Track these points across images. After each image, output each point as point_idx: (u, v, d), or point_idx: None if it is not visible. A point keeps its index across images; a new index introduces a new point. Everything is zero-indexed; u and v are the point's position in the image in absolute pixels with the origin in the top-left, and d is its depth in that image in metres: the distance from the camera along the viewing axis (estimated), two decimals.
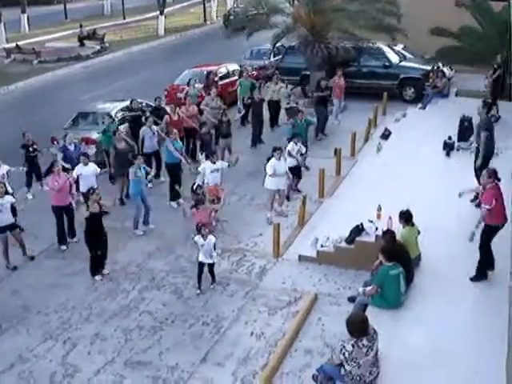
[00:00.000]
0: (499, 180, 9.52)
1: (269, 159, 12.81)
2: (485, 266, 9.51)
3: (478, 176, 11.51)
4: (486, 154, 12.30)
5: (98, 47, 33.46)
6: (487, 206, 9.21)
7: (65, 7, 44.65)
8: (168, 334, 9.52)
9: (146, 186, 13.19)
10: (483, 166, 11.60)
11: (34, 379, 8.72)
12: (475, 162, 12.40)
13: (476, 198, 11.33)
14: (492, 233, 9.43)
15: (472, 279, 9.50)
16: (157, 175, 15.07)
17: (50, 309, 10.30)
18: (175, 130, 14.62)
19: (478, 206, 10.49)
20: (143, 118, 16.06)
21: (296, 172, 13.73)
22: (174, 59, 29.62)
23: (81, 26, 35.53)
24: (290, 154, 13.48)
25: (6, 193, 11.67)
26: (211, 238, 10.47)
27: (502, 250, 9.59)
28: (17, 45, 32.07)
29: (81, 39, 34.55)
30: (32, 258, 11.99)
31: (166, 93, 20.47)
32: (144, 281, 11.02)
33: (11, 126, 18.14)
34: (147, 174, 13.08)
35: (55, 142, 15.80)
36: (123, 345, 9.30)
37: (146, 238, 12.62)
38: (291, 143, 13.83)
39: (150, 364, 8.87)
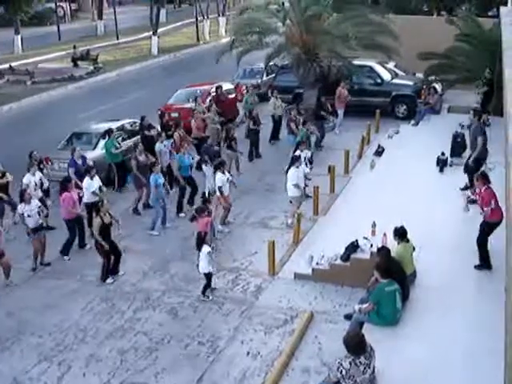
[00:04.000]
0: (489, 182, 10.32)
1: (288, 169, 13.31)
2: (487, 257, 10.20)
3: (468, 173, 13.18)
4: (478, 157, 13.33)
5: (92, 68, 33.50)
6: (490, 207, 9.99)
7: (58, 28, 44.86)
8: (164, 354, 9.46)
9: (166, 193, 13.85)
10: (476, 167, 12.85)
11: None
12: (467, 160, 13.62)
13: (466, 188, 13.04)
14: (490, 229, 10.15)
15: (476, 267, 10.19)
16: (171, 188, 15.31)
17: (44, 330, 10.22)
18: (186, 145, 15.10)
19: (473, 202, 11.59)
20: (156, 135, 16.57)
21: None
22: (168, 79, 29.78)
23: (74, 47, 35.64)
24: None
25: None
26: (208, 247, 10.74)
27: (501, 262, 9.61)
28: (10, 66, 32.11)
29: (74, 60, 34.61)
30: (48, 264, 12.36)
31: (159, 112, 20.47)
32: (139, 301, 10.97)
33: (5, 148, 18.12)
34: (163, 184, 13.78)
35: (49, 163, 15.81)
36: (119, 366, 9.23)
37: (141, 256, 12.58)
38: (297, 151, 14.33)
39: None
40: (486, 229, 10.18)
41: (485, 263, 10.22)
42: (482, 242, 10.21)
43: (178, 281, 11.55)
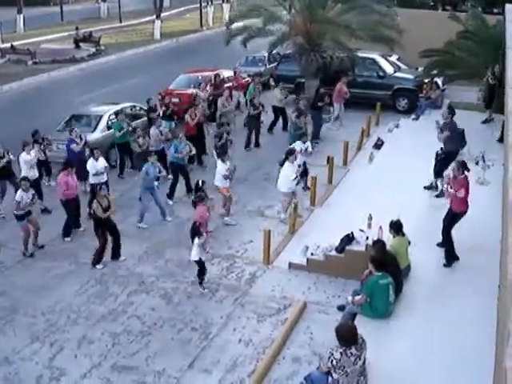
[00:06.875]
0: (468, 171, 10.48)
1: (283, 163, 13.04)
2: (452, 249, 10.37)
3: (436, 172, 13.17)
4: (450, 150, 13.38)
5: (94, 50, 33.41)
6: (460, 195, 10.09)
7: (61, 9, 44.62)
8: (156, 338, 9.48)
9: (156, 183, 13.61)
10: (448, 160, 12.81)
11: (19, 382, 8.65)
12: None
13: (440, 194, 12.47)
14: (456, 219, 10.39)
15: (445, 265, 10.31)
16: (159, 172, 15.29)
17: (37, 311, 10.25)
18: (181, 134, 14.98)
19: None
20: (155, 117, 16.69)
21: (303, 170, 14.02)
22: (169, 64, 29.63)
23: (77, 29, 35.53)
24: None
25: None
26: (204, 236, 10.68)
27: (495, 259, 9.64)
28: (12, 45, 31.99)
29: (76, 41, 34.53)
30: (42, 247, 12.27)
31: (159, 97, 20.43)
32: (133, 285, 10.98)
33: (3, 127, 18.08)
34: (159, 171, 13.48)
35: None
36: (110, 349, 9.26)
37: (137, 241, 12.56)
38: (298, 142, 14.18)
39: (136, 369, 8.83)
40: (450, 219, 10.32)
41: (451, 256, 10.31)
42: (448, 232, 10.35)
43: (172, 266, 11.56)
